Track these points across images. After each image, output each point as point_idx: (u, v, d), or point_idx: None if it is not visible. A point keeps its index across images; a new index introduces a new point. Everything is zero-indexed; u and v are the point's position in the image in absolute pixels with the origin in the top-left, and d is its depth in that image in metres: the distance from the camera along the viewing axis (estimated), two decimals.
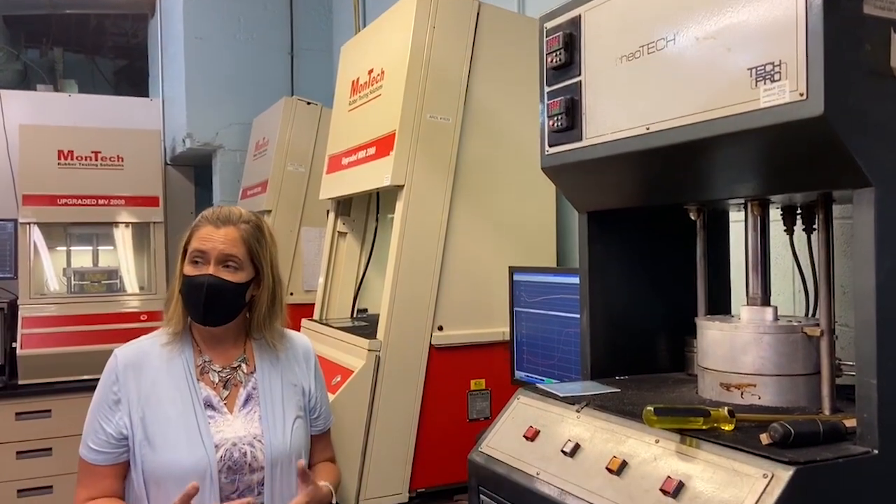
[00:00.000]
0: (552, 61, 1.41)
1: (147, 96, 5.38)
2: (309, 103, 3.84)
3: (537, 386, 1.43)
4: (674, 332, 1.55)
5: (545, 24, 1.45)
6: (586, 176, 1.42)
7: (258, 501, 1.67)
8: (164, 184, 4.66)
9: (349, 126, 2.64)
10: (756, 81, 1.02)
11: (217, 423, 1.69)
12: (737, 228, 1.56)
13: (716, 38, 1.09)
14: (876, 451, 0.98)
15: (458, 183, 2.29)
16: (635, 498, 1.04)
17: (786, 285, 1.68)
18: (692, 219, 1.41)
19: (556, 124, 1.40)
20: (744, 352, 1.23)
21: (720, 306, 1.53)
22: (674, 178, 1.26)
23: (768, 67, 1.00)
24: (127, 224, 4.52)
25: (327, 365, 2.22)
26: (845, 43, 0.96)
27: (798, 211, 1.35)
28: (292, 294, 3.59)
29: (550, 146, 1.44)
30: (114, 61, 6.40)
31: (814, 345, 1.20)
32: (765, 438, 0.99)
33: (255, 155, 4.16)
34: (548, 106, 1.43)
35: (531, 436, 1.29)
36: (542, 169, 1.48)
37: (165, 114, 5.05)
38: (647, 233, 1.55)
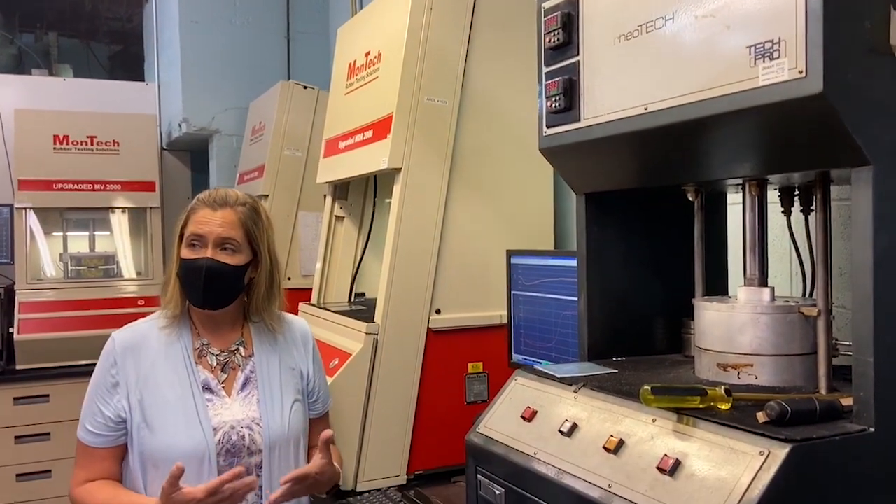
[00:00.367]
0: (550, 41, 1.40)
1: (142, 81, 5.35)
2: (305, 87, 3.82)
3: (535, 367, 1.44)
4: (671, 315, 1.55)
5: (543, 5, 1.44)
6: (584, 157, 1.41)
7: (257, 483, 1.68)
8: (161, 169, 4.64)
9: (346, 109, 2.63)
10: (755, 59, 1.01)
11: (215, 407, 1.70)
12: (734, 212, 1.56)
13: (714, 17, 1.08)
14: (872, 429, 0.98)
15: (456, 165, 2.28)
16: (632, 476, 1.05)
17: (782, 268, 1.69)
18: (690, 199, 1.41)
19: (553, 105, 1.39)
20: (741, 332, 1.23)
21: (717, 288, 1.53)
22: (672, 158, 1.26)
23: (767, 45, 1.00)
24: (123, 209, 4.50)
25: (325, 349, 2.22)
26: (845, 20, 0.95)
27: (796, 192, 1.35)
28: (290, 279, 3.59)
29: (548, 127, 1.43)
30: (109, 46, 6.34)
31: (811, 325, 1.20)
32: (761, 417, 0.99)
33: (251, 139, 4.14)
34: (546, 87, 1.42)
35: (529, 416, 1.30)
36: (540, 150, 1.48)
37: (161, 98, 5.02)
38: (645, 215, 1.55)
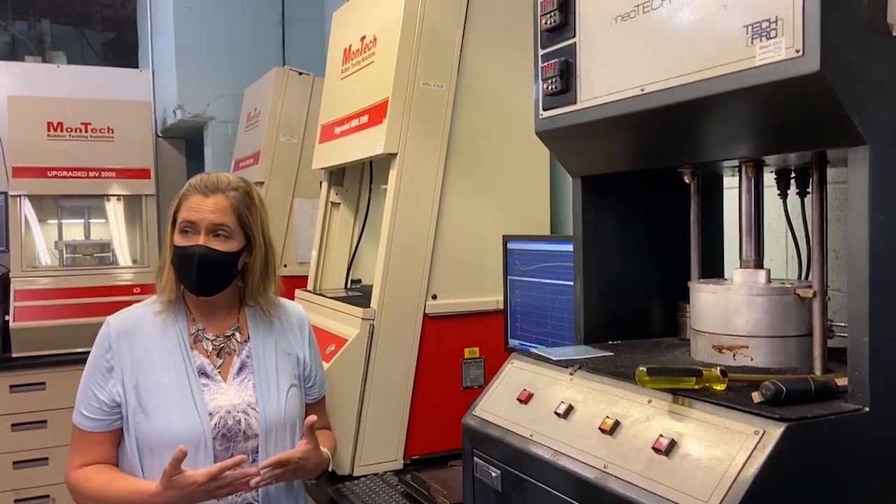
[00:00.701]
0: (546, 23, 1.39)
1: (136, 68, 5.31)
2: (301, 73, 3.79)
3: (531, 350, 1.44)
4: (667, 298, 1.55)
5: None
6: (580, 139, 1.41)
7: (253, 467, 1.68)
8: (156, 156, 4.63)
9: (341, 94, 2.61)
10: (752, 39, 1.01)
11: (211, 391, 1.70)
12: (730, 196, 1.56)
13: None
14: (867, 409, 0.98)
15: (452, 150, 2.27)
16: (628, 457, 1.05)
17: (778, 251, 1.69)
18: (686, 182, 1.40)
19: (550, 87, 1.38)
20: (736, 314, 1.23)
21: (713, 272, 1.53)
22: (668, 139, 1.26)
23: (764, 24, 0.99)
24: (118, 197, 4.49)
25: (321, 334, 2.22)
26: None
27: (792, 174, 1.35)
28: (286, 266, 3.58)
29: (544, 110, 1.42)
30: (102, 33, 6.30)
31: (806, 306, 1.20)
32: (756, 397, 0.99)
33: (246, 126, 4.12)
34: (542, 69, 1.41)
35: (524, 399, 1.30)
36: (536, 133, 1.47)
37: (156, 85, 4.98)
38: (641, 198, 1.54)
